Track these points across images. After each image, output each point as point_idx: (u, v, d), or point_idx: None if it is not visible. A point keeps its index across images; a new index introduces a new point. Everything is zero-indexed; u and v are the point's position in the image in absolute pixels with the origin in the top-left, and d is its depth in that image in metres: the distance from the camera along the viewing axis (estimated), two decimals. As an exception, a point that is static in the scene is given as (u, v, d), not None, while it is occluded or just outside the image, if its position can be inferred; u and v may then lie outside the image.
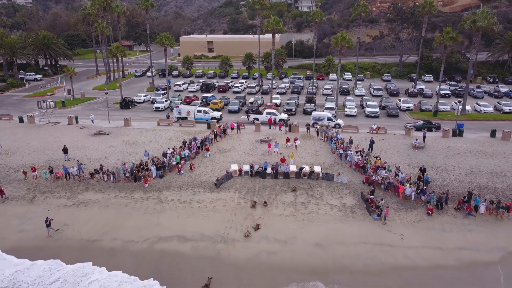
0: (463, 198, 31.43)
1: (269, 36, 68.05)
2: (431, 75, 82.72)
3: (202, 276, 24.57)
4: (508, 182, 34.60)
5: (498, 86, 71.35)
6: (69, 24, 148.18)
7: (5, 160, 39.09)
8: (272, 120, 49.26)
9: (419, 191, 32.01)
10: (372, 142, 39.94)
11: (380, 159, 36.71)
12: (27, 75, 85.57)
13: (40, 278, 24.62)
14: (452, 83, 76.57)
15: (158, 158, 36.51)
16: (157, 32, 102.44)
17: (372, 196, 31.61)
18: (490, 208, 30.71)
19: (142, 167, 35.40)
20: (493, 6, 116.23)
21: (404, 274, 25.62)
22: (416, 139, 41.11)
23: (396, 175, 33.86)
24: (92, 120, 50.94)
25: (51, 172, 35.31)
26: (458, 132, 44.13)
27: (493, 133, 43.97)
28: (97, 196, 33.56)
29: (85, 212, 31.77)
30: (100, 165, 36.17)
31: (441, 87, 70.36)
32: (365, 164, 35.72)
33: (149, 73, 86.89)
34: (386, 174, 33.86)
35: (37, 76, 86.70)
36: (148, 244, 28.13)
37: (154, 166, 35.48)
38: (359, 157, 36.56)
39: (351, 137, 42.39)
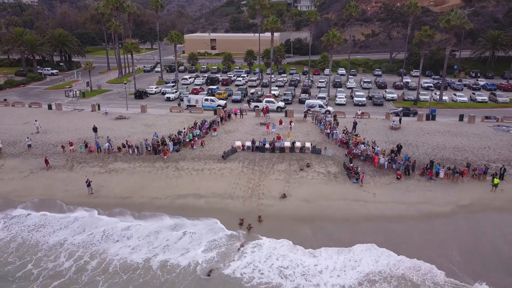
0: (426, 166, 38.34)
1: (269, 34, 74.76)
2: (418, 70, 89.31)
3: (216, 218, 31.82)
4: (466, 155, 41.52)
5: (477, 80, 78.30)
6: (78, 23, 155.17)
7: (44, 138, 46.15)
8: (269, 108, 56.17)
9: (390, 160, 38.94)
10: (355, 124, 46.98)
11: (360, 136, 43.63)
12: (45, 70, 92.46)
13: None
14: (436, 77, 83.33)
15: (175, 135, 43.46)
16: (161, 31, 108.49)
17: (351, 164, 38.53)
18: (448, 173, 37.55)
19: (161, 142, 42.33)
20: (481, 6, 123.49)
21: (375, 222, 32.40)
22: (393, 121, 48.05)
23: (373, 148, 40.78)
24: (106, 113, 55.59)
25: (86, 146, 42.29)
26: (431, 117, 51.04)
27: (461, 117, 50.92)
28: (124, 166, 40.49)
29: (116, 177, 38.71)
30: (126, 140, 43.16)
31: (425, 80, 77.55)
32: (348, 141, 42.65)
33: (157, 68, 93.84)
34: (365, 147, 40.78)
35: (54, 71, 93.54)
36: (170, 199, 35.05)
37: (171, 141, 42.42)
38: (343, 134, 43.48)
39: (337, 119, 49.35)
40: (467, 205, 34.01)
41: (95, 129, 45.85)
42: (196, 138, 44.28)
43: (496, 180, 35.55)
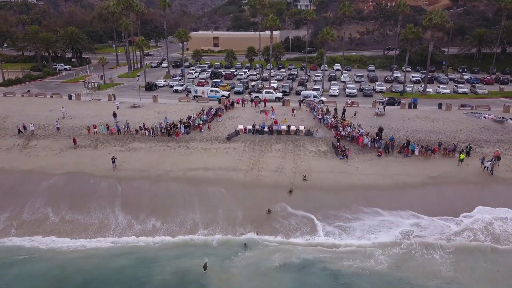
0: (403, 145, 44.34)
1: (269, 32, 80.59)
2: (409, 66, 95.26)
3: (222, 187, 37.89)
4: (440, 136, 47.45)
5: (462, 74, 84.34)
6: (85, 21, 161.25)
7: (70, 122, 52.43)
8: (268, 98, 62.21)
9: (373, 140, 44.94)
10: (344, 111, 53.01)
11: (347, 120, 49.70)
12: (59, 65, 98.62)
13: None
14: (424, 71, 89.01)
15: (185, 119, 49.54)
16: (165, 29, 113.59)
17: (339, 144, 44.56)
18: (422, 151, 43.50)
19: (173, 125, 48.42)
20: (472, 5, 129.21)
21: (356, 190, 38.28)
22: (378, 109, 54.06)
23: (358, 130, 46.79)
24: (117, 107, 58.53)
25: (107, 128, 48.41)
26: (413, 105, 57.04)
27: (439, 106, 56.92)
28: (142, 145, 46.57)
29: (135, 154, 44.76)
30: (143, 123, 49.27)
31: (414, 74, 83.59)
32: (337, 124, 48.68)
33: (163, 64, 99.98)
34: (351, 130, 46.80)
35: (67, 67, 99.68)
36: (183, 172, 41.05)
37: (182, 125, 48.51)
38: (332, 119, 49.54)
39: (328, 107, 55.46)
40: (436, 176, 39.90)
41: (114, 115, 52.01)
42: (203, 123, 50.29)
43: (462, 156, 41.51)
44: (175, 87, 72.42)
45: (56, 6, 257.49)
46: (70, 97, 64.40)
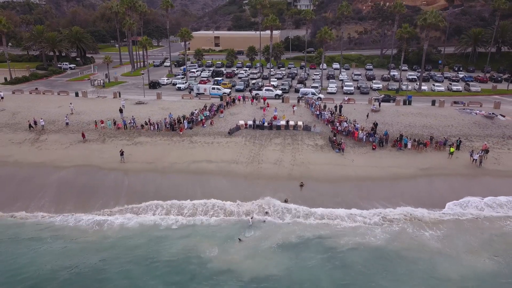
0: (396, 139, 46.53)
1: (269, 32, 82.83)
2: (406, 65, 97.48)
3: (224, 178, 40.05)
4: (432, 131, 49.65)
5: (457, 73, 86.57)
6: (88, 21, 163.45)
7: (78, 117, 54.70)
8: (268, 96, 64.51)
9: (368, 134, 47.13)
10: (340, 107, 55.29)
11: (343, 116, 51.92)
12: (64, 64, 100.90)
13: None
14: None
15: (189, 115, 51.76)
16: (168, 28, 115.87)
17: (335, 138, 46.77)
18: (414, 145, 45.69)
19: (177, 121, 50.63)
20: (469, 6, 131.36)
21: (351, 181, 40.37)
22: (373, 105, 56.27)
23: (354, 125, 48.99)
24: (123, 105, 59.10)
25: (114, 123, 50.65)
26: (407, 102, 59.24)
27: (433, 102, 59.15)
28: (147, 139, 48.79)
29: (141, 148, 46.97)
30: (149, 118, 51.50)
31: (410, 73, 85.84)
32: (333, 120, 50.88)
33: (166, 63, 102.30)
34: (347, 124, 49.01)
35: (71, 66, 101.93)
36: (187, 164, 43.22)
37: (186, 120, 50.72)
38: (329, 114, 51.76)
39: (325, 104, 57.66)
40: (427, 168, 42.08)
41: (121, 110, 54.30)
42: (205, 119, 52.55)
43: (452, 149, 43.73)
44: (178, 85, 74.67)
45: (58, 6, 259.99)
46: (76, 94, 66.69)
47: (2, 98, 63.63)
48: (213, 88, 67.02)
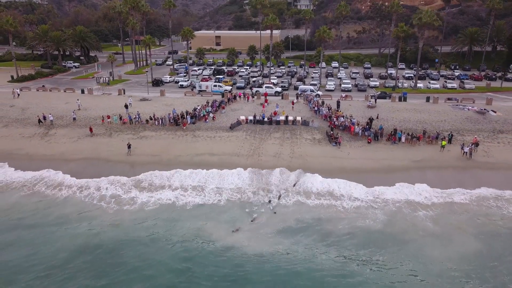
0: (391, 133, 48.56)
1: (269, 31, 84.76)
2: (403, 64, 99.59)
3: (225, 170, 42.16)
4: (425, 126, 51.66)
5: (453, 71, 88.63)
6: (90, 21, 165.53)
7: (85, 113, 56.83)
8: (268, 93, 66.55)
9: (364, 129, 49.16)
10: (338, 103, 57.33)
11: (340, 111, 53.98)
12: (68, 63, 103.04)
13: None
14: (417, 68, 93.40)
15: (192, 111, 53.83)
16: (169, 28, 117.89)
17: (332, 132, 48.82)
18: (408, 139, 47.72)
19: (181, 116, 52.70)
20: (467, 5, 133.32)
21: (347, 172, 42.40)
22: (370, 101, 58.29)
23: (350, 120, 51.05)
24: (130, 104, 60.17)
25: (120, 118, 52.74)
26: (403, 98, 61.28)
27: (427, 99, 61.14)
28: (152, 134, 50.89)
29: (146, 142, 49.08)
30: (153, 114, 53.57)
31: (407, 71, 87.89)
32: (331, 115, 52.93)
33: (168, 62, 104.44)
34: (343, 119, 51.06)
35: (75, 64, 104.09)
36: (190, 157, 45.32)
37: (189, 116, 52.78)
38: (327, 110, 53.83)
39: (323, 100, 59.72)
40: (419, 160, 44.11)
41: (126, 106, 56.40)
42: (207, 114, 54.65)
43: (444, 142, 45.76)
44: (180, 83, 76.74)
45: (60, 6, 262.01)
46: (82, 91, 68.80)
47: (18, 95, 66.18)
48: (215, 85, 69.10)
